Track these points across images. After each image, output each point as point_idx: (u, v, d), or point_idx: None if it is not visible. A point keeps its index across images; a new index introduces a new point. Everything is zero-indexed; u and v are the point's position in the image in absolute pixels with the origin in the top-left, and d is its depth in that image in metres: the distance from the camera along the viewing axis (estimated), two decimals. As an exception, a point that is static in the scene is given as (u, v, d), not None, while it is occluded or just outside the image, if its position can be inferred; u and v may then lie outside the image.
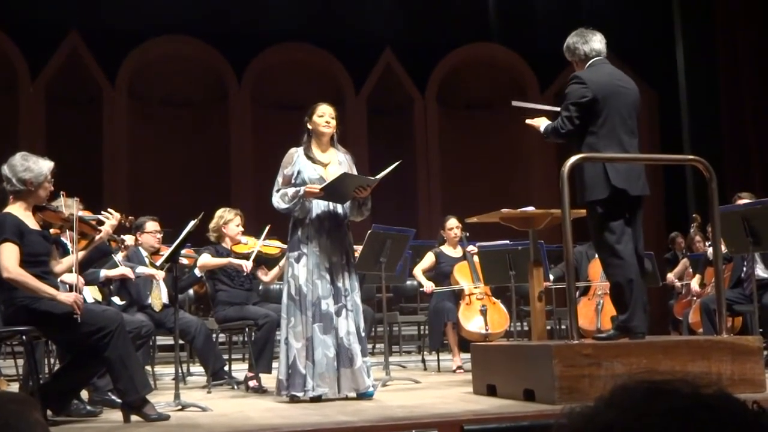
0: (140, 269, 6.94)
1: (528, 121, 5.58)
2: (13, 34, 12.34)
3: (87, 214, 5.49)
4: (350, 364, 5.55)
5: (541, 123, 5.43)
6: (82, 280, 5.26)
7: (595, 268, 7.88)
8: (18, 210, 4.81)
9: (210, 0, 13.24)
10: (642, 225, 5.33)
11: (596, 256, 6.27)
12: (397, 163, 5.76)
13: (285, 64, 13.76)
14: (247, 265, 6.96)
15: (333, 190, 5.59)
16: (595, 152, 5.07)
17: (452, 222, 8.54)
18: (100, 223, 5.30)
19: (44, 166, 4.86)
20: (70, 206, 5.21)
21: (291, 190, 5.67)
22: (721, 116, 13.05)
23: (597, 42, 5.35)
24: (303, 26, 13.59)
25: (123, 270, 6.64)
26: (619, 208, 5.10)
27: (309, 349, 5.52)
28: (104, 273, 6.50)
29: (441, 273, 8.43)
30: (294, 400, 5.50)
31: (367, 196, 5.72)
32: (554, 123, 5.26)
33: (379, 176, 5.65)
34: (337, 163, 5.84)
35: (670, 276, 9.41)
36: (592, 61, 5.31)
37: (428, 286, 8.29)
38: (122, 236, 6.42)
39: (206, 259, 7.11)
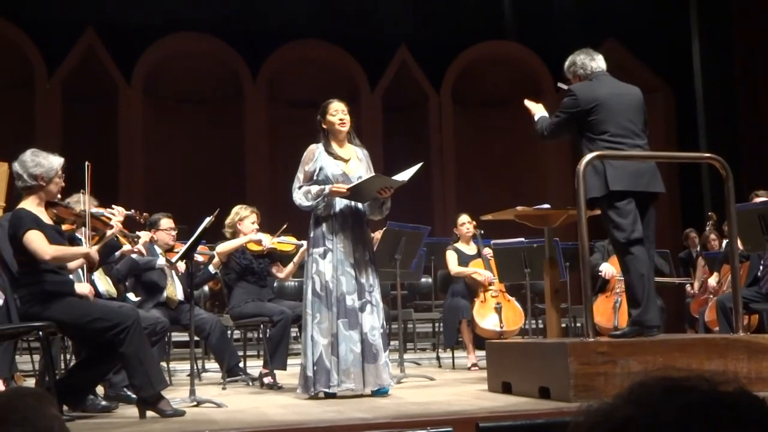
0: (161, 260, 6.97)
1: (528, 102, 5.77)
2: (29, 31, 12.41)
3: (99, 210, 5.50)
4: (374, 360, 5.55)
5: (538, 111, 5.68)
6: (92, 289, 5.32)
7: (614, 264, 7.87)
8: (31, 205, 4.82)
9: (225, -3, 13.28)
10: (656, 222, 5.38)
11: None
12: (420, 164, 5.77)
13: (300, 61, 13.78)
14: (263, 239, 7.09)
15: (359, 190, 5.59)
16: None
17: (463, 218, 8.54)
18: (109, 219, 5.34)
19: (54, 161, 4.88)
20: (83, 202, 5.24)
21: (314, 188, 5.65)
22: (737, 113, 12.98)
23: (601, 60, 5.54)
24: (318, 23, 13.60)
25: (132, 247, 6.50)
26: (627, 204, 5.16)
27: (334, 345, 5.52)
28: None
29: (457, 270, 8.42)
30: (312, 397, 5.50)
31: (389, 195, 5.72)
32: (545, 123, 5.54)
33: (405, 177, 5.65)
34: (357, 158, 5.84)
35: (695, 288, 9.37)
36: (592, 75, 5.47)
37: (486, 275, 8.19)
38: (137, 233, 6.43)
39: (222, 246, 7.14)
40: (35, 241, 4.68)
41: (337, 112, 5.81)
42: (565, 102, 5.39)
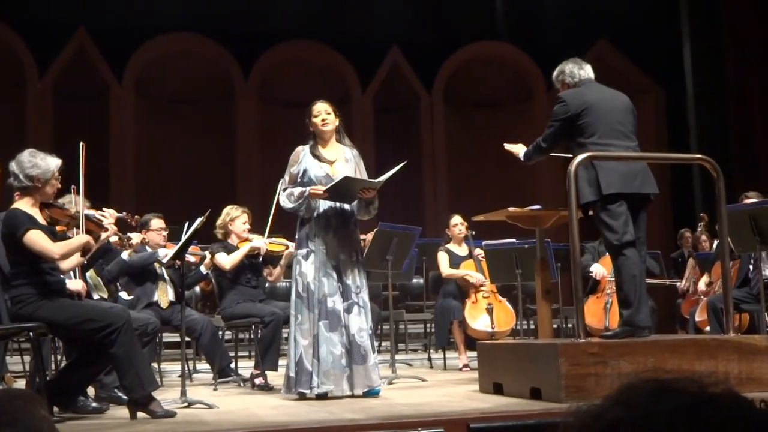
0: (162, 251, 6.97)
1: (507, 146, 5.87)
2: (21, 31, 12.37)
3: (92, 212, 5.50)
4: (363, 361, 5.54)
5: (520, 150, 5.76)
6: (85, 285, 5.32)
7: (604, 265, 7.88)
8: (25, 206, 4.82)
9: (217, -3, 13.27)
10: (646, 223, 5.41)
11: (606, 253, 6.35)
12: (402, 164, 5.74)
13: (292, 62, 13.77)
14: (262, 247, 7.09)
15: (337, 192, 5.58)
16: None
17: (456, 219, 8.55)
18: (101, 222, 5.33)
19: (51, 163, 4.87)
20: (77, 203, 5.24)
21: (297, 190, 5.65)
22: (728, 114, 13.02)
23: (590, 69, 5.61)
24: (310, 24, 13.60)
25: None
26: (619, 207, 5.18)
27: (315, 347, 5.52)
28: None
29: (448, 271, 8.42)
30: (301, 397, 5.50)
31: (374, 196, 5.71)
32: (530, 149, 5.59)
33: (383, 178, 5.63)
34: (344, 160, 5.80)
35: (681, 285, 9.37)
36: (579, 82, 5.53)
37: (478, 278, 8.19)
38: (128, 234, 6.41)
39: (227, 259, 7.10)
40: (39, 241, 4.68)
41: (320, 113, 5.80)
42: (555, 110, 5.41)
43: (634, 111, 5.50)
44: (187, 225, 6.46)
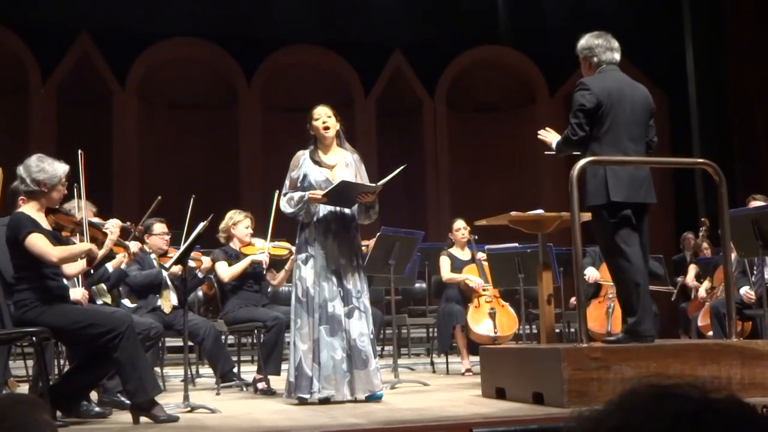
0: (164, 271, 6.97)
1: (540, 134, 5.57)
2: (24, 36, 12.39)
3: (96, 219, 5.51)
4: (365, 366, 5.53)
5: (553, 138, 5.45)
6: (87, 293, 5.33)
7: (607, 271, 7.87)
8: (31, 210, 4.84)
9: (220, 2, 13.27)
10: (649, 229, 5.35)
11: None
12: (401, 168, 5.70)
13: (294, 67, 13.77)
14: (265, 260, 7.08)
15: (336, 196, 5.57)
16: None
17: (459, 223, 8.55)
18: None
19: (59, 168, 4.89)
20: (80, 208, 5.26)
21: (297, 195, 5.65)
22: (730, 118, 13.01)
23: (617, 51, 5.35)
24: (312, 29, 13.61)
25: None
26: (625, 212, 5.11)
27: (315, 351, 5.51)
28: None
29: (451, 275, 8.42)
30: (302, 402, 5.50)
31: (374, 200, 5.70)
32: (564, 133, 5.27)
33: (381, 183, 5.62)
34: (344, 164, 5.80)
35: (689, 282, 9.36)
36: (603, 67, 5.30)
37: (478, 282, 8.21)
38: (126, 243, 6.42)
39: (226, 271, 7.09)
40: (39, 244, 4.69)
41: (320, 117, 5.79)
42: (578, 97, 5.16)
43: (653, 108, 5.34)
44: (185, 233, 6.47)
